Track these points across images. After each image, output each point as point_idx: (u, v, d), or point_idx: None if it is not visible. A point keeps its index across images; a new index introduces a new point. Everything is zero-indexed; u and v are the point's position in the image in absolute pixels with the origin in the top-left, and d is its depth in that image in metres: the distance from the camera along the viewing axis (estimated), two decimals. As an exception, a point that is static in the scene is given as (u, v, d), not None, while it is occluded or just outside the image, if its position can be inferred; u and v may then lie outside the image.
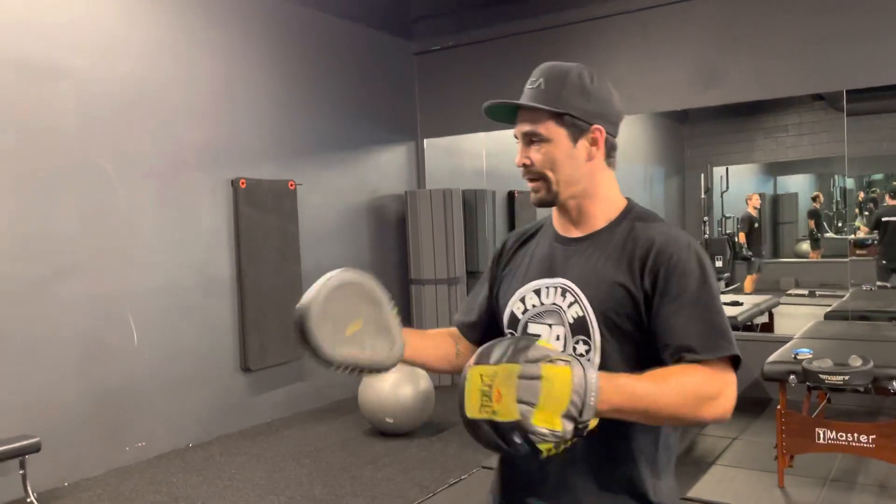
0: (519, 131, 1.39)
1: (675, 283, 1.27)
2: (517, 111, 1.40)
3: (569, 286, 1.35)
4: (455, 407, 1.16)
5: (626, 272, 1.31)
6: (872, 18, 5.15)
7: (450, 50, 6.95)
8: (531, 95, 1.38)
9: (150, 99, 4.84)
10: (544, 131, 1.36)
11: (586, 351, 1.31)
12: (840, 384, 3.49)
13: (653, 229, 1.34)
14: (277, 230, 5.54)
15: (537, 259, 1.44)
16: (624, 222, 1.37)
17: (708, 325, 1.24)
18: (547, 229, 1.48)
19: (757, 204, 8.47)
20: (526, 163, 1.38)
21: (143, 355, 4.73)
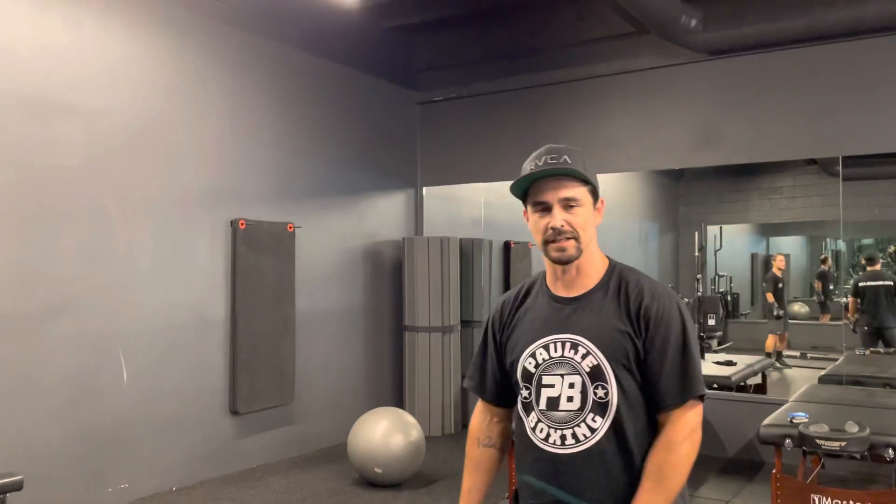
0: (555, 197, 1.59)
1: (661, 332, 1.54)
2: (536, 182, 1.61)
3: (580, 340, 1.57)
4: (445, 458, 1.24)
5: (626, 322, 1.56)
6: (869, 89, 5.27)
7: (452, 101, 7.06)
8: (560, 170, 1.59)
9: (155, 139, 4.87)
10: (581, 197, 1.60)
11: (605, 394, 1.54)
12: (837, 450, 3.46)
13: (641, 283, 1.60)
14: (274, 272, 5.53)
15: (540, 318, 1.64)
16: (613, 278, 1.62)
17: (684, 374, 1.54)
18: (539, 290, 1.69)
19: (782, 265, 8.55)
20: (564, 225, 1.57)
21: (131, 395, 4.66)
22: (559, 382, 1.57)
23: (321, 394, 6.04)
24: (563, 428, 1.56)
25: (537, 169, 1.59)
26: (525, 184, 1.62)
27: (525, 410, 1.63)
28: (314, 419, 5.95)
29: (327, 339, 6.15)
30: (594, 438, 1.54)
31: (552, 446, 1.57)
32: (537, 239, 1.63)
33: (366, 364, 6.56)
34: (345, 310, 6.37)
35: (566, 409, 1.56)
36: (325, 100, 6.21)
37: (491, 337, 1.75)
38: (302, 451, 5.81)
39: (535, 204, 1.61)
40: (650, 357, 1.54)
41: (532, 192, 1.62)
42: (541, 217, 1.60)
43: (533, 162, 1.62)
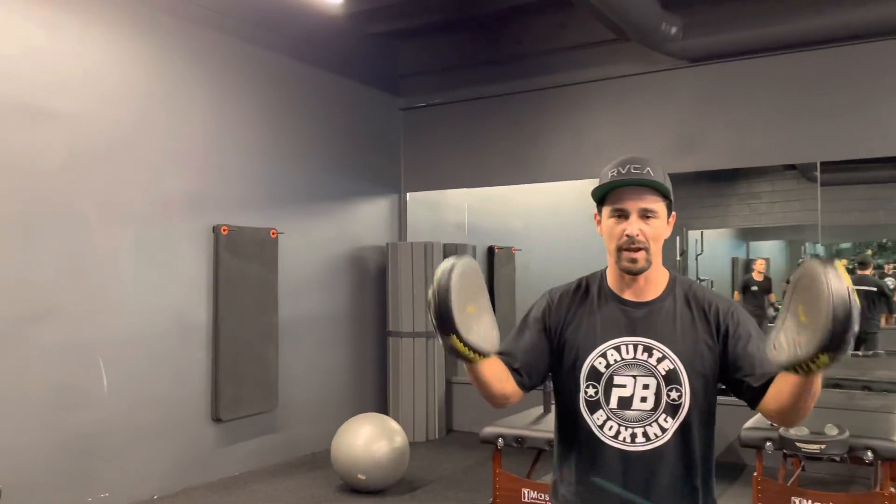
0: (634, 206, 1.64)
1: (742, 329, 1.64)
2: (616, 189, 1.65)
3: (654, 344, 1.65)
4: (430, 465, 1.21)
5: (704, 329, 1.65)
6: (847, 96, 5.36)
7: (436, 107, 7.08)
8: (647, 181, 1.63)
9: (138, 145, 4.84)
10: (658, 209, 1.66)
11: (678, 396, 1.63)
12: (817, 453, 3.51)
13: (709, 293, 1.71)
14: (257, 278, 5.50)
15: (608, 320, 1.69)
16: (676, 288, 1.71)
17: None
18: (600, 290, 1.74)
19: (762, 269, 8.61)
20: (639, 234, 1.63)
21: (112, 403, 4.61)
22: (631, 383, 1.64)
23: (305, 400, 6.01)
24: (635, 426, 1.64)
25: (620, 177, 1.64)
26: (606, 189, 1.67)
27: (590, 409, 1.67)
28: (298, 426, 5.92)
29: (311, 346, 6.13)
30: (664, 438, 1.63)
31: (622, 443, 1.64)
32: (610, 244, 1.68)
33: (350, 370, 6.54)
34: (328, 316, 6.35)
35: (639, 408, 1.64)
36: (309, 105, 6.20)
37: (539, 322, 1.75)
38: (286, 457, 5.79)
39: (614, 210, 1.65)
40: (737, 350, 1.62)
41: (611, 197, 1.66)
42: (617, 223, 1.65)
43: (616, 169, 1.66)
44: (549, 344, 1.74)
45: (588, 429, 1.68)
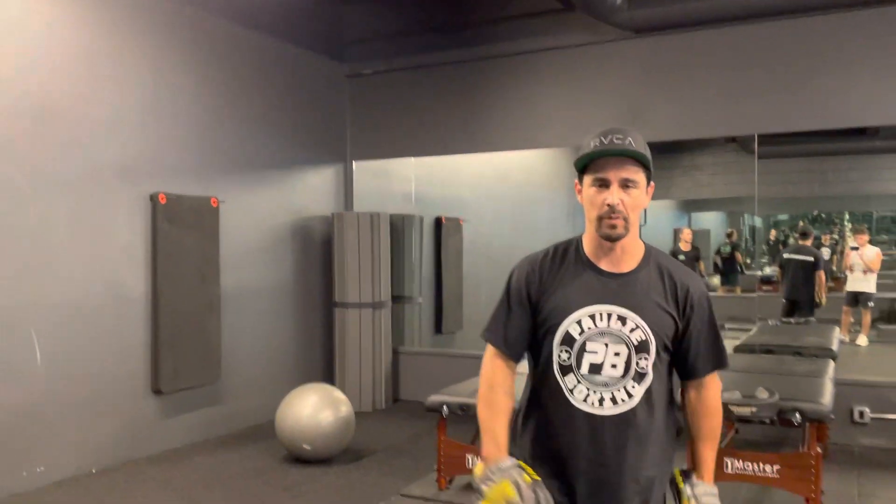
0: (616, 176, 1.69)
1: (700, 312, 1.78)
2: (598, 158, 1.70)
3: (628, 314, 1.72)
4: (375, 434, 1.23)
5: (672, 304, 1.75)
6: (784, 71, 5.47)
7: (382, 74, 6.98)
8: (628, 151, 1.68)
9: (69, 110, 4.64)
10: (639, 179, 1.71)
11: (646, 364, 1.72)
12: (748, 416, 3.63)
13: (680, 270, 1.80)
14: (197, 248, 5.38)
15: (584, 288, 1.76)
16: (651, 260, 1.79)
17: (716, 347, 1.81)
18: (576, 259, 1.80)
19: (688, 238, 8.75)
20: (619, 203, 1.68)
21: (46, 375, 4.48)
22: (603, 350, 1.72)
23: (249, 372, 5.94)
24: (603, 391, 1.72)
25: (603, 147, 1.69)
26: (589, 158, 1.71)
27: (562, 372, 1.74)
28: (242, 397, 5.85)
29: (255, 317, 6.05)
30: (631, 403, 1.72)
31: (590, 407, 1.72)
32: (590, 213, 1.73)
33: (295, 341, 6.49)
34: (273, 286, 6.26)
35: (609, 374, 1.72)
36: (251, 71, 6.03)
37: (523, 295, 1.81)
38: (229, 429, 5.73)
39: (596, 179, 1.71)
40: (692, 333, 1.78)
41: (593, 167, 1.72)
42: (598, 192, 1.71)
43: (598, 139, 1.71)
44: (531, 313, 1.81)
45: (559, 392, 1.75)
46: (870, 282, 7.77)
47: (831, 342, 5.34)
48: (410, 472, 4.64)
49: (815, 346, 5.21)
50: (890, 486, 4.37)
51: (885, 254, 8.37)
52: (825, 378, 4.19)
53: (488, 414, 1.79)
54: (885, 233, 10.35)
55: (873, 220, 10.36)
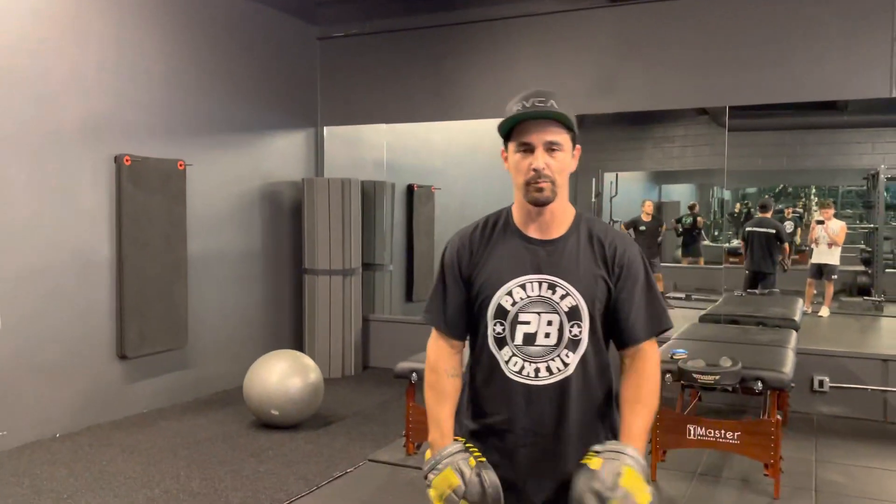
0: (540, 139, 1.64)
1: (632, 274, 1.71)
2: (521, 122, 1.65)
3: (558, 282, 1.68)
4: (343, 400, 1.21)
5: (603, 268, 1.70)
6: (755, 43, 5.48)
7: (354, 38, 6.85)
8: (550, 113, 1.63)
9: (26, 66, 4.49)
10: (563, 142, 1.66)
11: (579, 332, 1.68)
12: (711, 384, 3.70)
13: (611, 233, 1.74)
14: (163, 212, 5.28)
15: (514, 258, 1.72)
16: (581, 225, 1.73)
17: (651, 310, 1.73)
18: (505, 228, 1.75)
19: (649, 210, 8.82)
20: (545, 167, 1.64)
21: (8, 339, 4.39)
22: (535, 320, 1.69)
23: (217, 337, 5.90)
24: (538, 362, 1.69)
25: (525, 110, 1.63)
26: (512, 123, 1.66)
27: (498, 345, 1.71)
28: (209, 363, 5.81)
29: (223, 282, 5.98)
30: (566, 372, 1.69)
31: (526, 378, 1.69)
32: (517, 179, 1.68)
33: (264, 307, 6.44)
34: (241, 252, 6.19)
35: (542, 344, 1.69)
36: (219, 30, 5.88)
37: (456, 271, 1.78)
38: (196, 395, 5.69)
39: (520, 144, 1.66)
40: (622, 296, 1.71)
41: (517, 132, 1.67)
42: (523, 157, 1.66)
43: (520, 103, 1.65)
44: (466, 288, 1.77)
45: (496, 365, 1.72)
46: (834, 255, 7.92)
47: (794, 313, 5.44)
48: (379, 438, 4.66)
49: (778, 316, 5.31)
50: (846, 454, 4.50)
51: (849, 228, 8.53)
52: (787, 348, 4.28)
53: (434, 400, 1.78)
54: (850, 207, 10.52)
55: (839, 195, 10.53)
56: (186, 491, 3.81)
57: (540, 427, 1.70)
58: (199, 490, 3.82)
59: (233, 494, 3.77)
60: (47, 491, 3.79)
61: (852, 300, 8.46)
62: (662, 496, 3.81)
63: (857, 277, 8.63)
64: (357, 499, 3.80)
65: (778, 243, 7.71)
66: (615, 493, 1.53)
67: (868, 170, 8.58)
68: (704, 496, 3.81)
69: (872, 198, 8.55)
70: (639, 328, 1.72)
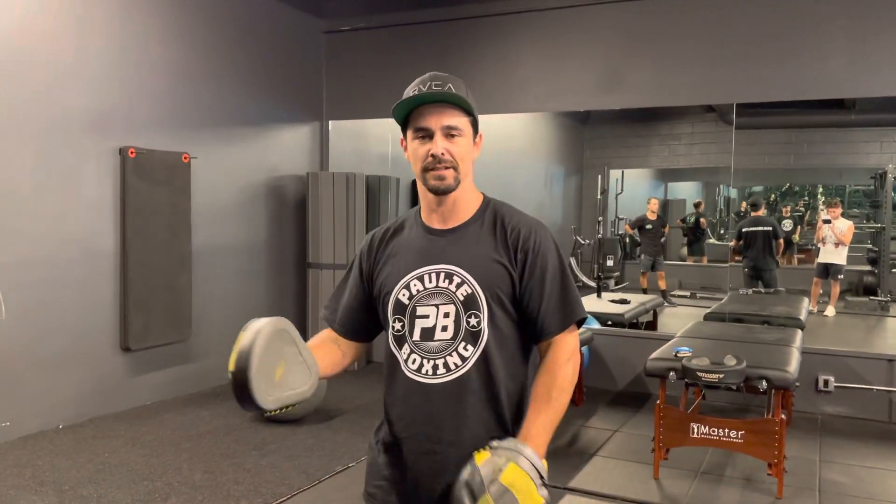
0: (437, 124, 1.53)
1: (539, 262, 1.56)
2: (418, 107, 1.54)
3: (454, 270, 1.56)
4: (346, 394, 1.21)
5: (503, 253, 1.56)
6: (764, 40, 5.44)
7: (360, 31, 6.83)
8: (447, 95, 1.53)
9: (33, 56, 4.49)
10: (463, 126, 1.56)
11: (477, 322, 1.55)
12: (715, 382, 3.68)
13: (516, 217, 1.61)
14: (168, 205, 5.28)
15: (414, 250, 1.61)
16: (487, 212, 1.62)
17: (564, 300, 1.57)
18: (412, 224, 1.66)
19: (654, 208, 8.81)
20: (444, 153, 1.53)
21: (12, 330, 4.40)
22: (434, 313, 1.56)
23: (220, 330, 5.89)
24: (436, 358, 1.55)
25: (420, 94, 1.53)
26: (407, 108, 1.55)
27: (398, 343, 1.60)
28: (213, 356, 5.81)
29: (227, 275, 5.98)
30: (465, 367, 1.54)
31: (424, 376, 1.56)
32: (416, 167, 1.57)
33: (268, 301, 6.44)
34: (246, 245, 6.18)
35: (440, 338, 1.55)
36: (225, 23, 5.87)
37: (356, 269, 1.71)
38: (199, 387, 5.70)
39: (417, 130, 1.55)
40: (529, 286, 1.55)
41: (413, 117, 1.56)
42: (421, 144, 1.55)
43: (416, 87, 1.55)
44: (368, 288, 1.69)
45: (396, 364, 1.60)
46: (841, 254, 7.88)
47: (800, 312, 5.42)
48: (381, 433, 4.66)
49: (783, 315, 5.29)
50: (850, 454, 4.48)
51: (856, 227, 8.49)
52: (792, 347, 4.25)
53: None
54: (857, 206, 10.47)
55: (846, 194, 10.47)
56: (188, 483, 3.81)
57: (437, 432, 1.55)
58: (200, 483, 3.83)
59: (234, 487, 3.77)
60: (49, 482, 3.79)
61: (858, 300, 8.42)
62: (665, 494, 3.80)
63: (864, 277, 8.59)
64: (358, 493, 3.77)
65: (774, 240, 7.70)
66: (490, 489, 1.35)
67: (876, 169, 8.54)
68: (707, 495, 3.80)
69: (880, 197, 8.51)
70: (550, 320, 1.55)
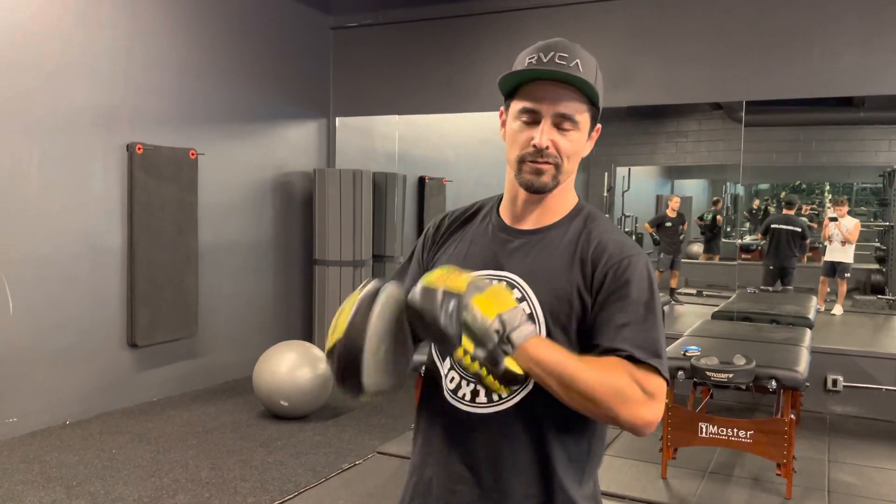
0: (550, 109, 1.24)
1: (622, 287, 1.22)
2: (532, 81, 1.25)
3: (516, 282, 1.28)
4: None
5: (580, 273, 1.25)
6: (774, 37, 5.40)
7: (368, 28, 6.81)
8: (570, 77, 1.22)
9: (40, 51, 4.48)
10: (580, 119, 1.26)
11: None
12: (725, 381, 3.66)
13: (608, 233, 1.29)
14: (175, 201, 5.27)
15: (479, 247, 1.35)
16: (577, 220, 1.32)
17: (646, 338, 1.20)
18: (488, 215, 1.39)
19: (676, 206, 8.78)
20: (549, 147, 1.24)
21: (19, 325, 4.40)
22: None
23: (227, 327, 5.90)
24: (476, 381, 1.26)
25: (540, 66, 1.23)
26: (517, 80, 1.26)
27: (441, 354, 1.34)
28: (219, 352, 5.81)
29: (234, 272, 5.98)
30: (510, 401, 1.26)
31: (460, 401, 1.29)
32: (511, 152, 1.29)
33: (274, 297, 6.44)
34: (252, 242, 6.18)
35: None
36: (232, 19, 5.86)
37: (418, 252, 1.45)
38: (206, 384, 5.70)
39: (523, 110, 1.26)
40: (603, 313, 1.22)
41: (522, 92, 1.26)
42: (524, 127, 1.26)
43: (536, 54, 1.25)
44: (417, 273, 1.41)
45: (436, 379, 1.35)
46: (848, 252, 7.84)
47: (808, 311, 5.39)
48: (387, 431, 4.65)
49: (792, 314, 5.25)
50: (859, 454, 4.46)
51: (863, 225, 8.45)
52: (801, 346, 4.23)
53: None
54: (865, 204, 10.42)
55: (853, 192, 10.42)
56: (195, 480, 3.81)
57: (467, 472, 1.28)
58: (208, 479, 3.82)
59: (242, 484, 3.77)
60: (57, 478, 3.79)
61: (866, 298, 8.38)
62: (673, 494, 3.78)
63: (872, 276, 8.55)
64: (365, 491, 3.79)
65: (801, 241, 7.65)
66: (483, 280, 1.18)
67: (884, 167, 8.49)
68: (716, 495, 3.78)
69: (888, 195, 8.46)
70: (621, 337, 1.20)
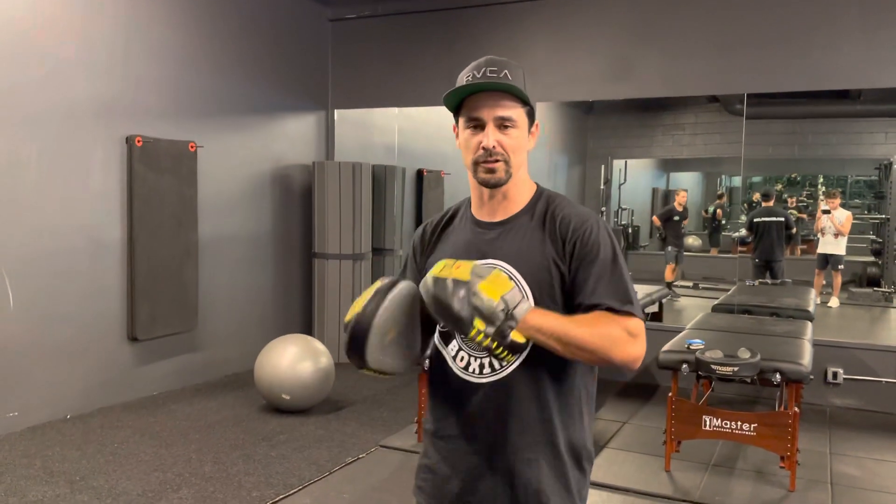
0: (490, 115, 1.46)
1: (590, 251, 1.45)
2: (471, 95, 1.48)
3: (500, 265, 1.48)
4: (354, 385, 1.21)
5: (552, 247, 1.48)
6: (775, 30, 5.40)
7: (366, 20, 6.77)
8: (501, 85, 1.46)
9: (38, 43, 4.43)
10: (517, 118, 1.48)
11: None
12: (730, 375, 3.67)
13: (567, 208, 1.52)
14: (174, 194, 5.24)
15: (461, 243, 1.56)
16: (539, 203, 1.54)
17: (618, 289, 1.44)
18: (463, 215, 1.61)
19: (683, 200, 8.81)
20: (496, 146, 1.47)
21: (19, 319, 4.37)
22: None
23: (227, 320, 5.87)
24: (483, 356, 1.48)
25: (474, 81, 1.46)
26: (459, 96, 1.49)
27: (444, 340, 1.56)
28: (220, 346, 5.79)
29: (233, 265, 5.95)
30: (509, 367, 1.48)
31: (471, 375, 1.50)
32: (466, 158, 1.51)
33: (274, 291, 6.41)
34: (252, 235, 6.15)
35: None
36: (230, 12, 5.81)
37: (412, 262, 1.66)
38: (207, 378, 5.68)
39: (469, 120, 1.48)
40: (579, 277, 1.45)
41: (466, 106, 1.49)
42: (472, 134, 1.48)
43: (471, 73, 1.49)
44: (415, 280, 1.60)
45: (444, 362, 1.56)
46: (840, 245, 7.88)
47: (808, 304, 5.42)
48: (390, 424, 4.65)
49: (792, 307, 5.28)
50: (860, 446, 4.48)
51: (857, 218, 8.49)
52: (804, 339, 4.25)
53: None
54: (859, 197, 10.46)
55: (848, 185, 10.46)
56: (199, 475, 3.80)
57: (481, 432, 1.51)
58: (211, 474, 3.81)
59: (245, 479, 3.76)
60: (59, 472, 3.78)
61: (862, 291, 8.43)
62: (677, 487, 3.79)
63: (867, 268, 8.60)
64: (369, 485, 3.79)
65: (787, 231, 7.70)
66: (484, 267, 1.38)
67: (881, 160, 8.52)
68: (720, 488, 3.79)
69: (884, 188, 8.49)
70: (601, 291, 1.43)
